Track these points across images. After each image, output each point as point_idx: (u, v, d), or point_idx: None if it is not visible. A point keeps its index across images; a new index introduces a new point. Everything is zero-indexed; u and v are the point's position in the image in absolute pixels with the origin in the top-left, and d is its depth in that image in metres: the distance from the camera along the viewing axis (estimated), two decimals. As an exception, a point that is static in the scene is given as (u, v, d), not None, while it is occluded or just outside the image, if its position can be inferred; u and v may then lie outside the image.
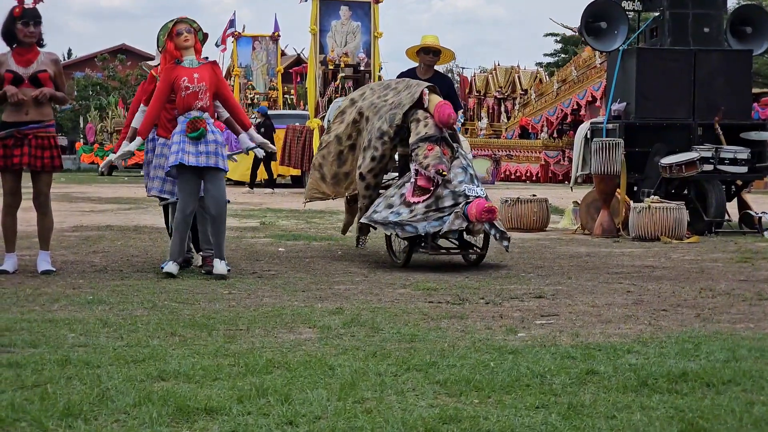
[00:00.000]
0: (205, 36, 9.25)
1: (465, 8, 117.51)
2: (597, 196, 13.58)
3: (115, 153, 9.27)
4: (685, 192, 13.93)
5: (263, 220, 15.24)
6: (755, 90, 33.80)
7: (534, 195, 15.10)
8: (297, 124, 26.28)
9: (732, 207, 14.25)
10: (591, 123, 14.88)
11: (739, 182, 14.31)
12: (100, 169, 10.02)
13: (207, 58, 9.17)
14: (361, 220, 10.09)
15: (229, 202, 9.27)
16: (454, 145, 9.75)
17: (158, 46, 9.13)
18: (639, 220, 12.73)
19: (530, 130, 35.70)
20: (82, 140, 44.51)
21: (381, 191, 10.18)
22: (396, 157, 10.49)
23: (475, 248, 10.08)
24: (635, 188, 14.23)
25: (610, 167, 13.28)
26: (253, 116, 30.21)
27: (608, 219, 13.27)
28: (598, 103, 30.15)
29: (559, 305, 7.52)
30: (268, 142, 9.71)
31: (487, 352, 5.71)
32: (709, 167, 13.59)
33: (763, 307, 7.39)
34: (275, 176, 27.03)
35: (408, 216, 9.42)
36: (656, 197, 13.08)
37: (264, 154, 9.75)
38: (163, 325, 6.47)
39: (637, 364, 5.36)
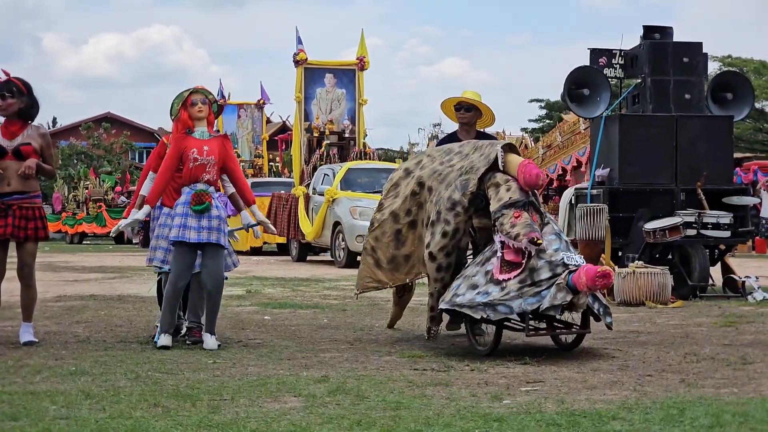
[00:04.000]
0: (220, 109, 9.25)
1: (451, 74, 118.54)
2: (582, 262, 13.58)
3: (125, 218, 9.25)
4: (669, 257, 13.97)
5: (249, 288, 15.21)
6: (737, 155, 34.10)
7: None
8: (282, 191, 26.36)
9: (716, 271, 14.28)
10: (575, 188, 14.95)
11: (723, 246, 14.35)
12: (111, 234, 9.95)
13: (218, 131, 9.17)
14: (440, 307, 8.62)
15: (227, 279, 9.24)
16: (542, 209, 8.51)
17: (171, 114, 9.07)
18: (624, 285, 12.75)
19: (516, 196, 35.71)
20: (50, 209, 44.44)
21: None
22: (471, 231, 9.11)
23: (574, 327, 8.53)
24: (620, 253, 14.26)
25: (595, 232, 13.33)
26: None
27: (593, 284, 13.26)
28: (583, 169, 30.28)
29: (545, 371, 7.51)
30: (269, 222, 9.51)
31: (472, 420, 5.69)
32: (692, 232, 13.63)
33: (747, 372, 7.39)
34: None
35: (499, 295, 8.02)
36: (641, 262, 13.11)
37: (259, 235, 9.64)
38: (146, 396, 6.43)
39: (621, 431, 5.35)
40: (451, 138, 10.09)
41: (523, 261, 8.06)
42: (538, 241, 8.01)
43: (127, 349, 8.76)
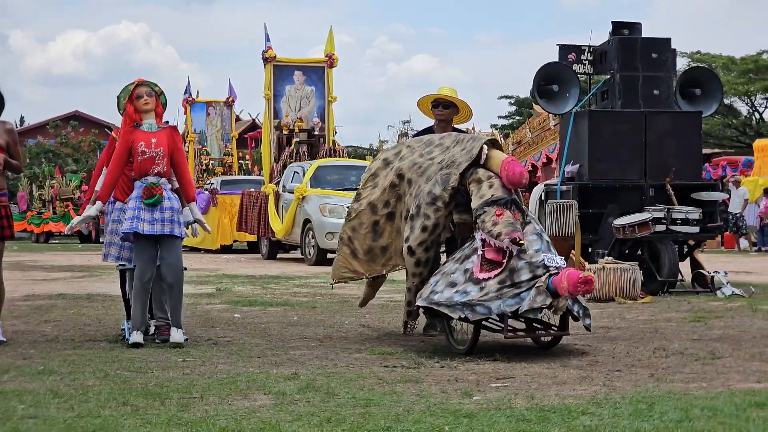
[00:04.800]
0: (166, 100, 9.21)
1: (420, 71, 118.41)
2: (552, 258, 13.61)
3: (79, 215, 9.20)
4: (639, 252, 14.02)
5: (219, 287, 15.16)
6: (706, 150, 34.25)
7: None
8: (252, 189, 26.30)
9: (685, 267, 14.34)
10: (545, 185, 14.99)
11: (692, 242, 14.42)
12: (66, 231, 9.87)
13: (168, 122, 9.12)
14: (417, 303, 8.48)
15: (186, 269, 9.21)
16: (524, 208, 8.38)
17: (119, 109, 9.05)
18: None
19: (486, 193, 35.78)
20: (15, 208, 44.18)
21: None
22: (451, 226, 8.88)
23: (552, 327, 8.47)
24: (589, 249, 14.31)
25: (565, 229, 13.36)
26: (209, 182, 30.24)
27: (563, 280, 13.29)
28: (553, 165, 30.36)
29: (515, 367, 7.51)
30: (205, 221, 9.42)
31: (442, 416, 5.69)
32: (661, 228, 13.69)
33: (716, 366, 7.42)
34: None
35: (478, 295, 7.88)
36: (610, 258, 13.16)
37: (197, 234, 9.58)
38: (115, 395, 6.40)
39: (591, 426, 5.36)
40: (428, 132, 9.95)
41: (504, 260, 7.95)
42: (520, 242, 7.90)
43: (96, 347, 8.71)
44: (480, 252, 8.06)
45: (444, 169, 8.63)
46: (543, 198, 14.51)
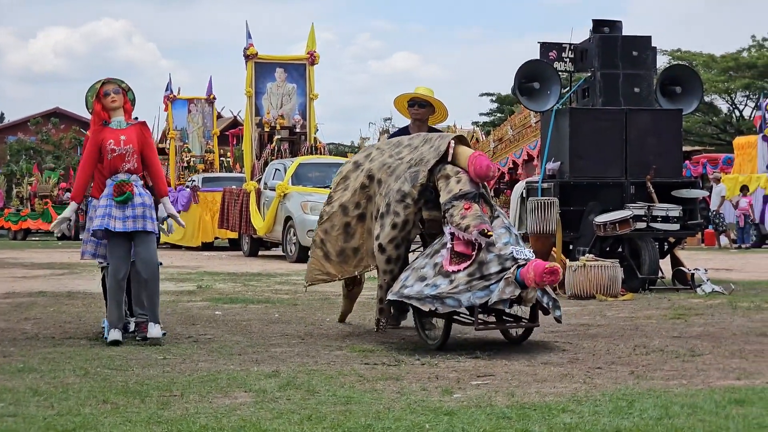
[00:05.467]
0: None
1: (402, 69, 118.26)
2: (533, 255, 13.63)
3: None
4: (620, 250, 14.06)
5: (200, 284, 15.14)
6: (686, 148, 34.37)
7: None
8: (234, 186, 26.27)
9: (665, 264, 14.39)
10: (527, 182, 15.01)
11: (672, 239, 14.46)
12: (54, 234, 9.90)
13: (137, 118, 9.09)
14: (388, 298, 8.62)
15: (161, 264, 9.19)
16: (492, 201, 8.54)
17: (87, 107, 9.05)
18: (575, 278, 12.82)
19: (467, 190, 35.84)
20: None
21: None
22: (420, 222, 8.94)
23: (522, 320, 8.63)
24: (570, 247, 14.34)
25: (546, 226, 13.38)
26: (191, 179, 30.18)
27: (544, 277, 13.31)
28: (534, 162, 30.41)
29: (495, 365, 7.52)
30: (179, 216, 9.41)
31: (422, 414, 5.69)
32: (642, 225, 13.73)
33: (696, 364, 7.45)
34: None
35: (448, 287, 7.97)
36: (591, 255, 13.19)
37: (172, 231, 9.57)
38: (95, 393, 6.38)
39: (571, 423, 5.37)
40: (403, 132, 10.02)
41: (473, 253, 8.03)
42: (488, 233, 7.97)
43: (76, 345, 8.69)
44: (449, 245, 8.14)
45: (413, 166, 8.72)
46: (524, 195, 14.53)
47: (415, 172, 8.64)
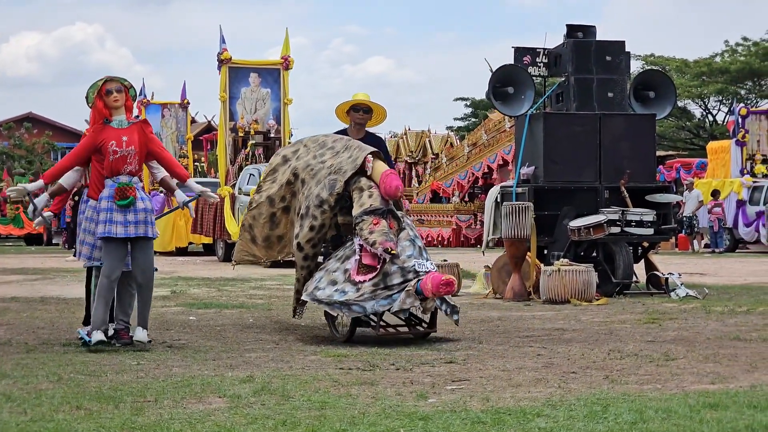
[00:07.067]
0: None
1: (376, 73, 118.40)
2: (508, 260, 13.67)
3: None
4: (594, 254, 14.10)
5: (174, 289, 15.09)
6: (660, 153, 34.51)
7: (445, 260, 15.14)
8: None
9: (639, 268, 14.43)
10: (501, 186, 15.03)
11: (646, 244, 14.51)
12: (35, 226, 9.89)
13: (138, 116, 9.02)
14: (302, 298, 9.50)
15: (156, 270, 9.13)
16: (400, 215, 9.26)
17: (87, 103, 8.92)
18: (549, 283, 12.84)
19: (441, 194, 35.95)
20: None
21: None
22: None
23: (422, 324, 9.45)
24: (545, 251, 14.37)
25: (520, 231, 13.39)
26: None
27: (519, 283, 13.36)
28: (509, 167, 30.47)
29: (470, 370, 7.53)
30: (209, 190, 9.55)
31: (397, 419, 5.69)
32: (616, 230, 13.77)
33: (670, 368, 7.47)
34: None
35: (355, 295, 8.86)
36: (566, 260, 13.21)
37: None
38: (68, 399, 6.34)
39: (546, 428, 5.38)
40: (342, 134, 10.41)
41: (379, 266, 8.89)
42: (392, 251, 8.81)
43: (50, 351, 8.64)
44: (357, 257, 9.02)
45: (332, 174, 9.51)
46: (499, 200, 14.54)
47: (333, 181, 9.43)
